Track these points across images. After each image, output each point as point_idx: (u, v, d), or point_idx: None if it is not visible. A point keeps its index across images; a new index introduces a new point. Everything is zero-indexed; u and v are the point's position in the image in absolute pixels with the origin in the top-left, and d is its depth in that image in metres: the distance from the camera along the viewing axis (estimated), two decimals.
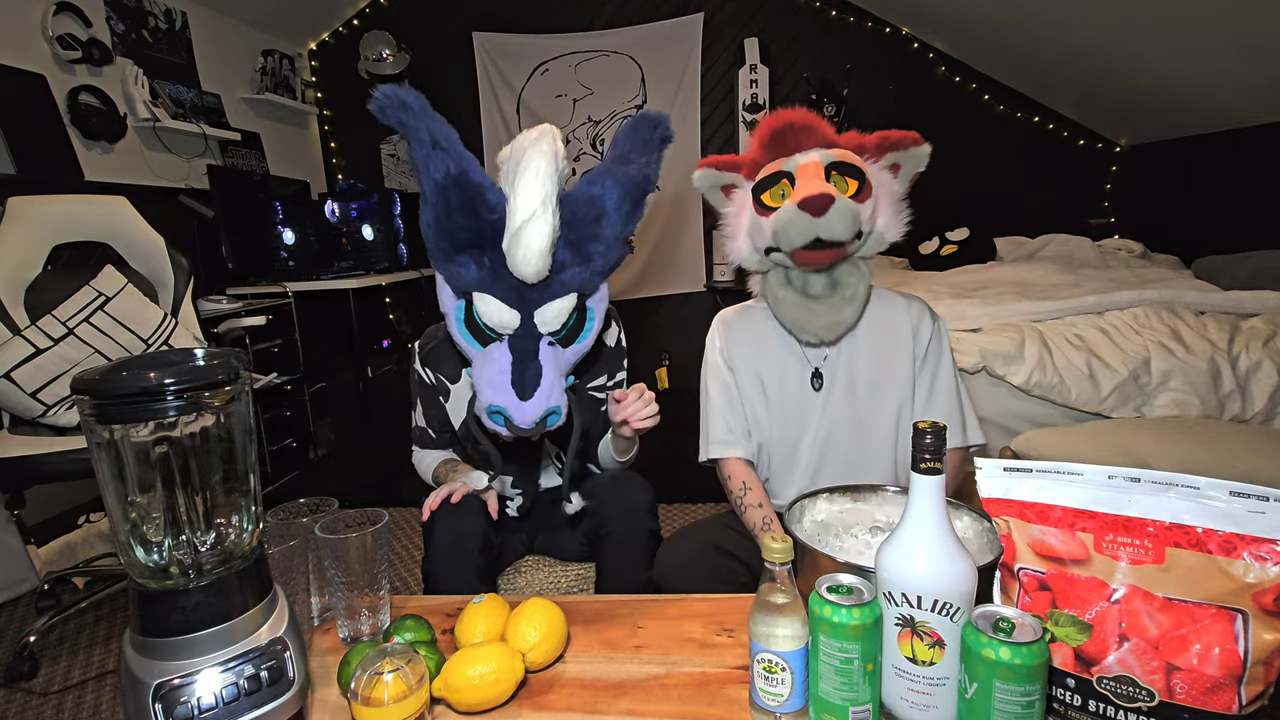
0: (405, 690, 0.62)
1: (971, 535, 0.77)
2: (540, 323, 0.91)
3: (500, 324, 0.91)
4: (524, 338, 0.91)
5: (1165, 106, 2.93)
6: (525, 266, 0.85)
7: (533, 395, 0.89)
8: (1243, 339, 1.75)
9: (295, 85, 3.63)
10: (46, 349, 1.68)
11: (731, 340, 1.19)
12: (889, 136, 1.06)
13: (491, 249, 0.87)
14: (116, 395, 0.55)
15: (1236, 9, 2.19)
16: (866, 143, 1.07)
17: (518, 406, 0.89)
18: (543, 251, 0.84)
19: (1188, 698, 0.53)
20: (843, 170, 1.03)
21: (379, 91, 0.86)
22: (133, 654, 0.59)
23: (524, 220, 0.82)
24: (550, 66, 3.73)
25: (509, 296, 0.89)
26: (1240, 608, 0.52)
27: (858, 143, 1.07)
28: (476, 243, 0.88)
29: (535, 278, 0.87)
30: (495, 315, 0.90)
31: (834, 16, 3.51)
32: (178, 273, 2.02)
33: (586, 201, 0.90)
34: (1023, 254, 3.00)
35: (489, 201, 0.86)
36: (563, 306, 0.91)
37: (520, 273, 0.86)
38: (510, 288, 0.89)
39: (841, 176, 1.03)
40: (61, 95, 2.35)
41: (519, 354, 0.90)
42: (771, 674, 0.62)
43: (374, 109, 0.86)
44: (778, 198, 1.05)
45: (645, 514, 1.13)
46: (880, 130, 1.08)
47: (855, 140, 1.08)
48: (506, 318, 0.90)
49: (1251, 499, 0.52)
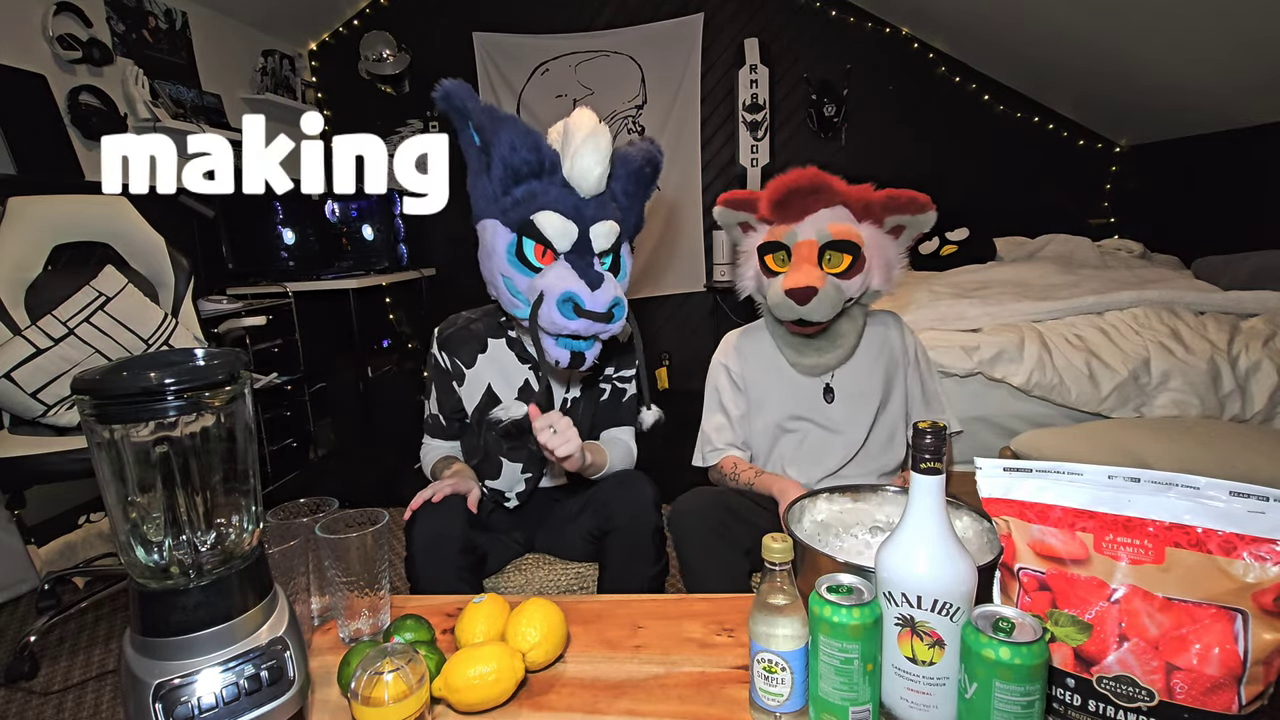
0: (405, 690, 0.62)
1: (971, 535, 0.77)
2: (595, 236, 1.05)
3: (561, 233, 1.03)
4: (581, 252, 1.04)
5: (1165, 106, 2.93)
6: (590, 168, 1.01)
7: (600, 286, 1.02)
8: (1242, 339, 1.75)
9: (295, 85, 3.63)
10: (47, 349, 1.68)
11: (746, 365, 1.28)
12: (897, 198, 1.12)
13: (550, 175, 1.04)
14: (117, 395, 0.55)
15: (1236, 8, 2.19)
16: (874, 201, 1.13)
17: (588, 293, 1.00)
18: (605, 156, 1.01)
19: (1188, 698, 0.53)
20: (837, 248, 1.11)
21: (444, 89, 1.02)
22: (133, 654, 0.59)
23: (588, 133, 1.01)
24: (550, 66, 3.72)
25: (569, 211, 1.03)
26: (1240, 608, 0.52)
27: (864, 200, 1.13)
28: (537, 171, 1.03)
29: (596, 184, 1.03)
30: (557, 226, 1.03)
31: (834, 17, 3.51)
32: (178, 273, 2.02)
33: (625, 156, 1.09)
34: (1023, 254, 3.00)
35: (544, 141, 1.04)
36: (611, 229, 1.06)
37: (586, 176, 1.02)
38: (569, 205, 1.03)
39: (837, 253, 1.11)
40: (62, 95, 2.35)
41: (579, 265, 1.03)
42: (771, 674, 0.62)
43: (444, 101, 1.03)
44: (778, 262, 1.16)
45: (651, 511, 1.14)
46: (889, 189, 1.13)
47: (862, 197, 1.13)
48: (567, 228, 1.03)
49: (1251, 499, 0.52)
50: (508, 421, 1.13)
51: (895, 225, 1.14)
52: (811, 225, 1.13)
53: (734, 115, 3.63)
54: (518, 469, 1.23)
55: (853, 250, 1.11)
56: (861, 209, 1.14)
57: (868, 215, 1.14)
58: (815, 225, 1.12)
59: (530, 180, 1.04)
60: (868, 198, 1.13)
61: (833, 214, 1.13)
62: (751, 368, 1.28)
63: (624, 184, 1.10)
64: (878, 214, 1.13)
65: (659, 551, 1.13)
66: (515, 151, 1.02)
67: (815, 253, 1.11)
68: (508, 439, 1.21)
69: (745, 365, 1.28)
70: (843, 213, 1.14)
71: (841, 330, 1.19)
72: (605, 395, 1.26)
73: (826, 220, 1.12)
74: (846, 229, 1.12)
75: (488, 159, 1.05)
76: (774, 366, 1.26)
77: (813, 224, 1.13)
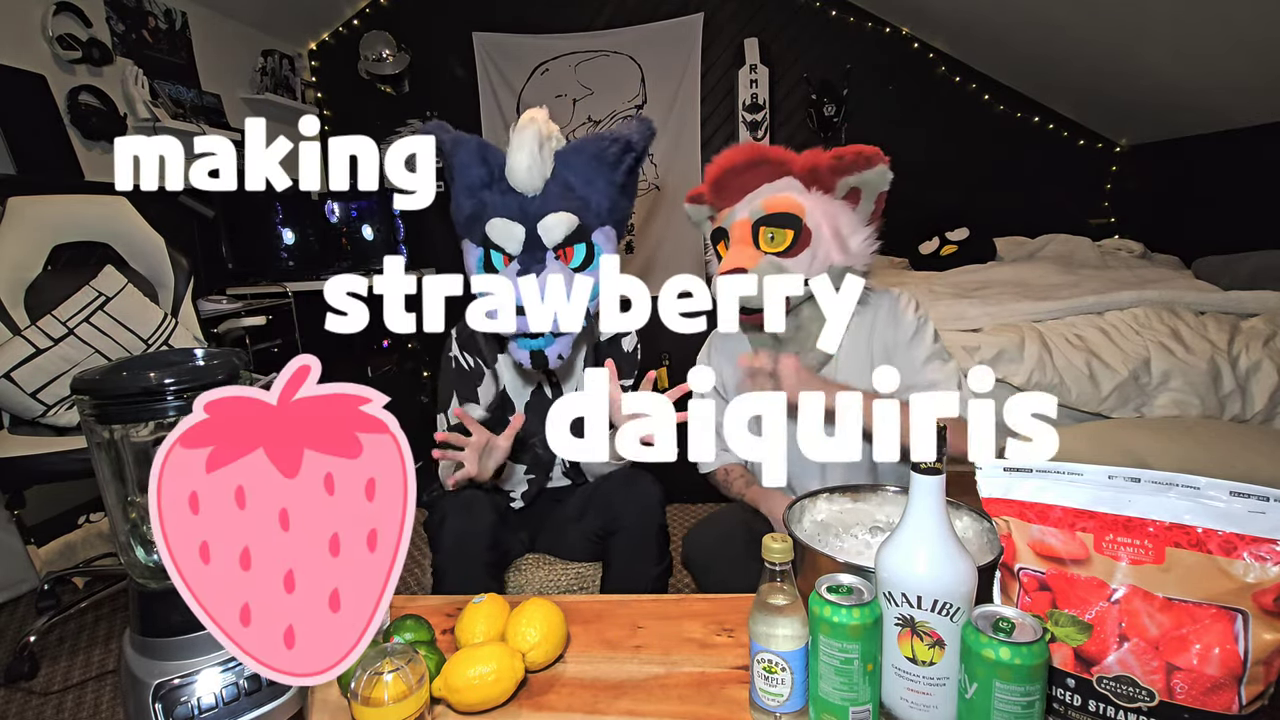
0: (405, 690, 0.62)
1: (971, 535, 0.77)
2: (543, 231, 1.05)
3: (508, 237, 1.06)
4: (532, 250, 1.06)
5: (1165, 106, 2.93)
6: (519, 163, 1.03)
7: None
8: (1243, 339, 1.75)
9: (295, 85, 3.63)
10: (46, 349, 1.68)
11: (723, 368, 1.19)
12: (842, 157, 1.00)
13: (498, 182, 1.07)
14: (117, 395, 0.55)
15: (1236, 9, 2.19)
16: (820, 165, 1.02)
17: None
18: (533, 150, 1.02)
19: (1188, 698, 0.53)
20: (772, 223, 1.00)
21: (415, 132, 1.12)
22: (133, 654, 0.59)
23: (519, 129, 1.03)
24: (550, 66, 3.72)
25: (513, 213, 1.05)
26: (1240, 608, 0.52)
27: (811, 165, 1.02)
28: (487, 182, 1.07)
29: (530, 175, 1.04)
30: (504, 231, 1.05)
31: (834, 16, 3.51)
32: (178, 273, 2.02)
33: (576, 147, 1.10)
34: (1023, 254, 3.00)
35: (494, 152, 1.09)
36: (561, 220, 1.05)
37: (517, 172, 1.04)
38: (514, 205, 1.05)
39: (773, 229, 1.00)
40: (61, 95, 2.35)
41: (526, 265, 1.06)
42: (771, 674, 0.62)
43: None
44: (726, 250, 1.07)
45: (656, 510, 1.14)
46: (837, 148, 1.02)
47: (809, 162, 1.03)
48: (513, 231, 1.05)
49: (1251, 499, 0.52)
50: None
51: (850, 188, 1.02)
52: (746, 204, 1.04)
53: (734, 115, 3.63)
54: (521, 470, 1.23)
55: (792, 223, 0.99)
56: (809, 176, 1.02)
57: (816, 183, 1.02)
58: (749, 202, 1.04)
59: (481, 192, 1.07)
60: (812, 162, 1.02)
61: (772, 188, 1.03)
62: (728, 374, 1.19)
63: (582, 171, 1.08)
64: (826, 179, 1.01)
65: (662, 551, 1.13)
66: (467, 168, 1.07)
67: (749, 231, 1.01)
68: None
69: (722, 369, 1.20)
70: (785, 185, 1.04)
71: (806, 320, 1.06)
72: None
73: (763, 195, 1.03)
74: (782, 200, 1.01)
75: (453, 184, 1.10)
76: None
77: (748, 201, 1.04)
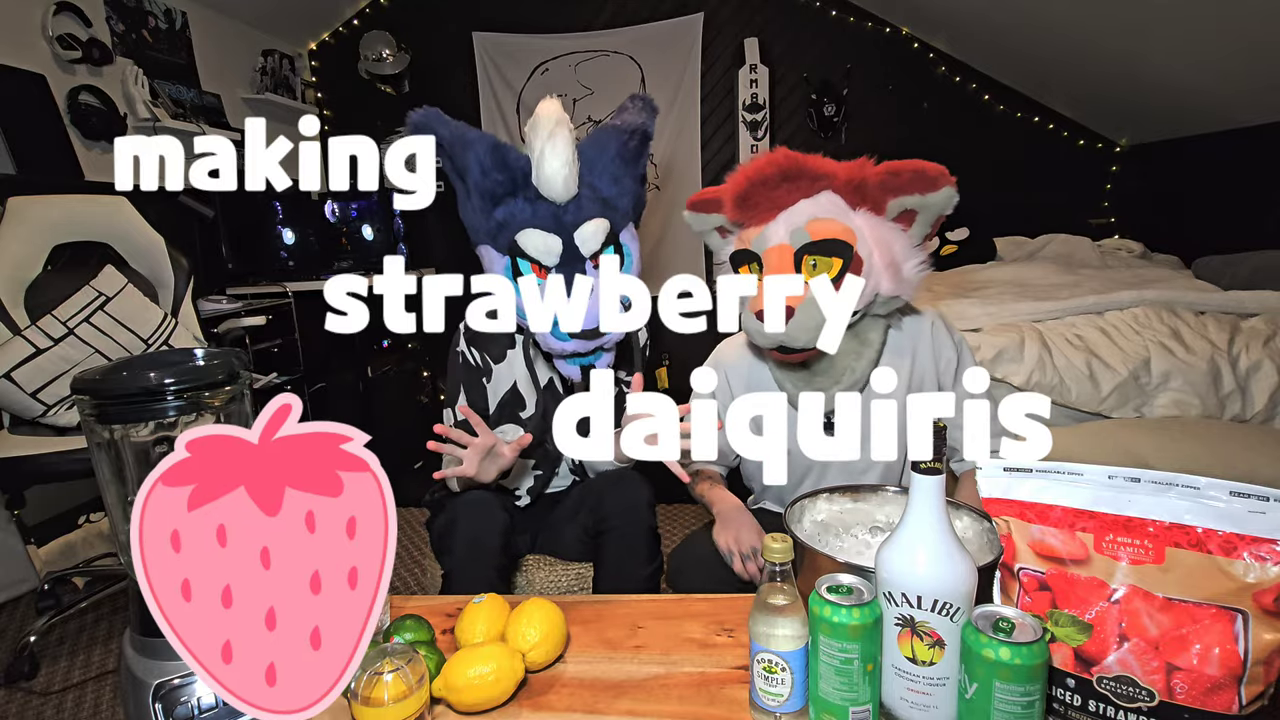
0: (405, 690, 0.62)
1: (971, 535, 0.77)
2: (581, 241, 1.02)
3: (546, 250, 1.01)
4: (570, 261, 1.02)
5: (1165, 106, 2.93)
6: (555, 175, 0.98)
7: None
8: (1243, 339, 1.75)
9: (295, 85, 3.63)
10: (46, 349, 1.68)
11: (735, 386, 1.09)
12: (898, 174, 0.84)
13: (524, 189, 1.01)
14: (117, 395, 0.56)
15: (1237, 9, 2.19)
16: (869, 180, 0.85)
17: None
18: (567, 161, 0.98)
19: (1188, 698, 0.53)
20: (818, 250, 0.85)
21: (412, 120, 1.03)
22: (133, 654, 0.59)
23: (547, 137, 0.97)
24: (550, 66, 3.73)
25: (548, 224, 1.01)
26: (1240, 608, 0.52)
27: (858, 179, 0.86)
28: (511, 189, 1.01)
29: (565, 189, 1.00)
30: (540, 244, 1.01)
31: (834, 16, 3.51)
32: (178, 273, 2.02)
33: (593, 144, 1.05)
34: (1023, 254, 3.00)
35: (514, 155, 1.02)
36: (597, 228, 1.02)
37: (552, 184, 0.99)
38: (548, 216, 1.01)
39: (818, 256, 0.84)
40: (61, 95, 2.35)
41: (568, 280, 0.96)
42: (771, 674, 0.62)
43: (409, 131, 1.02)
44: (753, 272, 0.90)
45: (645, 510, 1.13)
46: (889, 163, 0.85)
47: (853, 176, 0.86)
48: (550, 243, 1.01)
49: (1251, 499, 0.52)
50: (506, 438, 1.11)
51: (903, 210, 0.86)
52: (785, 224, 0.88)
53: (734, 115, 3.63)
54: (529, 464, 1.23)
55: (842, 251, 0.85)
56: (854, 193, 0.87)
57: (863, 200, 0.87)
58: (789, 223, 0.88)
59: (506, 200, 1.02)
60: (860, 176, 0.87)
61: (814, 205, 0.88)
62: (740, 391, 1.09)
63: (607, 170, 1.05)
64: (876, 197, 0.86)
65: (653, 551, 1.13)
66: (486, 175, 1.01)
67: (790, 259, 0.86)
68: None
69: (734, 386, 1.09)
70: (829, 202, 0.88)
71: (845, 354, 0.92)
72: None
73: (805, 215, 0.87)
74: (831, 225, 0.85)
75: (466, 186, 1.05)
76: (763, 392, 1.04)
77: (786, 222, 0.88)
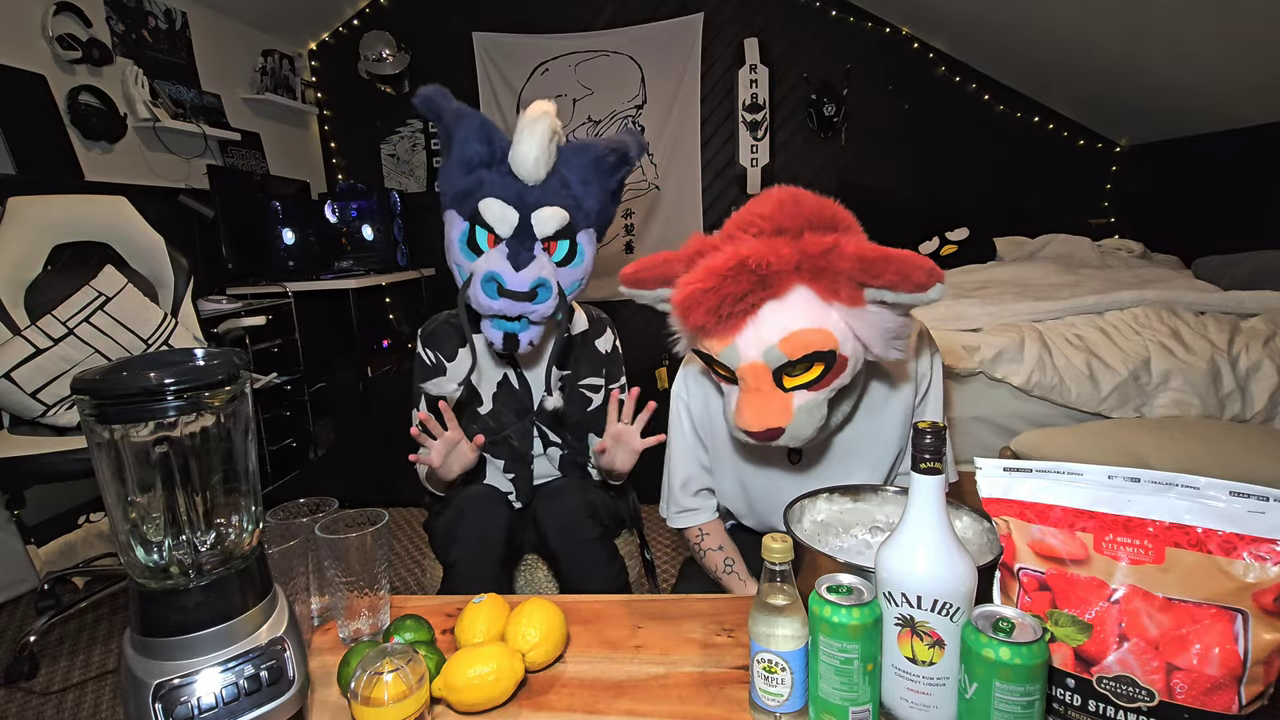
0: (405, 690, 0.62)
1: (971, 535, 0.77)
2: (536, 222, 1.06)
3: (501, 219, 1.06)
4: (522, 236, 1.07)
5: (1165, 106, 2.93)
6: (528, 154, 1.03)
7: (525, 268, 1.05)
8: (1243, 339, 1.75)
9: (295, 85, 3.63)
10: (46, 349, 1.68)
11: (707, 407, 1.05)
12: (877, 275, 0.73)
13: (499, 164, 1.07)
14: (117, 395, 0.55)
15: (1236, 9, 2.19)
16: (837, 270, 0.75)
17: (510, 273, 1.05)
18: (543, 144, 1.03)
19: (1188, 698, 0.53)
20: (798, 366, 0.78)
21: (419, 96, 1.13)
22: (133, 654, 0.59)
23: (531, 119, 1.03)
24: (550, 66, 3.73)
25: (511, 197, 1.06)
26: (1240, 608, 0.52)
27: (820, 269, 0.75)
28: (487, 162, 1.07)
29: (534, 170, 1.05)
30: (498, 212, 1.06)
31: (834, 16, 3.51)
32: (178, 273, 2.02)
33: (579, 146, 1.11)
34: (1023, 254, 3.00)
35: (499, 134, 1.09)
36: (554, 215, 1.07)
37: (524, 163, 1.04)
38: (513, 190, 1.06)
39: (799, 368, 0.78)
40: (61, 95, 2.35)
41: (515, 249, 1.07)
42: (771, 674, 0.62)
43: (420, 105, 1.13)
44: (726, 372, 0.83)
45: (582, 521, 1.13)
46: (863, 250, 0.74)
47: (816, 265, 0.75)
48: (508, 214, 1.06)
49: (1251, 499, 0.52)
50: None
51: (881, 301, 0.76)
52: (754, 340, 0.77)
53: (734, 115, 3.64)
54: (500, 466, 1.25)
55: (824, 358, 0.77)
56: (822, 285, 0.76)
57: (835, 295, 0.76)
58: (758, 341, 0.77)
59: (480, 169, 1.07)
60: (826, 266, 0.74)
61: (784, 313, 0.76)
62: (712, 417, 1.04)
63: (580, 171, 1.10)
64: (849, 291, 0.75)
65: (608, 554, 1.13)
66: (467, 143, 1.07)
67: (769, 377, 0.79)
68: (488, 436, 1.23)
69: (707, 412, 1.05)
70: (801, 302, 0.77)
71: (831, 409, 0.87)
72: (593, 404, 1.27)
73: (777, 330, 0.76)
74: (806, 337, 0.75)
75: (450, 155, 1.10)
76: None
77: (754, 338, 0.77)
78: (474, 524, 1.11)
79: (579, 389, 1.26)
